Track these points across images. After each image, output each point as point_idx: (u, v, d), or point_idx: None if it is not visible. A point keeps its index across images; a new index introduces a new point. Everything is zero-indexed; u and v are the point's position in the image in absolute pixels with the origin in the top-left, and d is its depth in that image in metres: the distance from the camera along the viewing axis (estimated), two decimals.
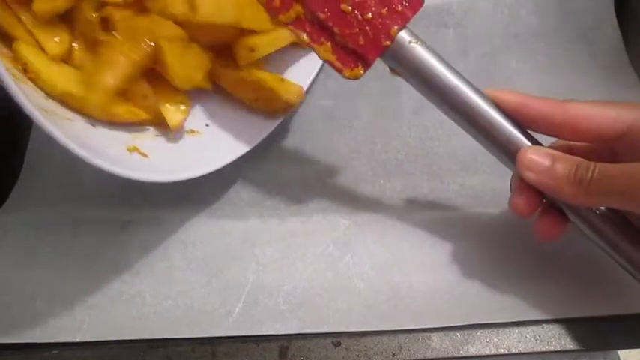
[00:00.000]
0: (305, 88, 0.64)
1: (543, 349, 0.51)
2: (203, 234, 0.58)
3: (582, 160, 0.42)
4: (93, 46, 0.55)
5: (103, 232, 0.59)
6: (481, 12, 0.72)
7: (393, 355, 0.51)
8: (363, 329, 0.52)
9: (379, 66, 0.48)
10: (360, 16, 0.44)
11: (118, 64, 0.52)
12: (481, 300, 0.53)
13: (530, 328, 0.51)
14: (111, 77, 0.52)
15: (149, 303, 0.54)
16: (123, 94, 0.55)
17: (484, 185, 0.61)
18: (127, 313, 0.53)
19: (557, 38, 0.69)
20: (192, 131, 0.61)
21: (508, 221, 0.58)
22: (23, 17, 0.52)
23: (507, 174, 0.56)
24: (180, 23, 0.55)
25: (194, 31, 0.56)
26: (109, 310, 0.53)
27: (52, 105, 0.52)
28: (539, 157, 0.43)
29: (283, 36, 0.60)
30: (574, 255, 0.55)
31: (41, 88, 0.52)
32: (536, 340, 0.51)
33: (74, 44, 0.56)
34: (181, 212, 0.60)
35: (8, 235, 0.59)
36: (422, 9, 0.70)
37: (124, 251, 0.57)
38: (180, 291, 0.54)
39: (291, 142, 0.66)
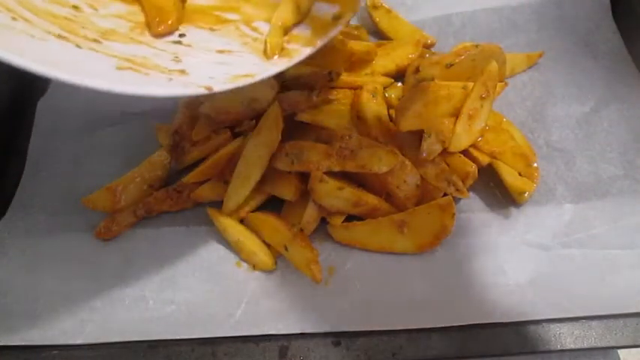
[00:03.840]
0: None
1: (543, 349, 0.51)
2: (206, 242, 0.59)
3: None
4: None
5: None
6: (480, 21, 0.72)
7: (393, 355, 0.51)
8: (363, 329, 0.52)
9: None
10: None
11: None
12: (480, 301, 0.53)
13: (530, 327, 0.51)
14: None
15: (152, 307, 0.54)
16: None
17: (477, 189, 0.61)
18: (129, 316, 0.53)
19: (558, 42, 0.70)
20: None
21: (505, 222, 0.58)
22: None
23: (495, 179, 0.57)
24: None
25: None
26: (112, 313, 0.54)
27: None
28: None
29: None
30: (574, 255, 0.55)
31: None
32: (536, 339, 0.51)
33: None
34: (185, 221, 0.60)
35: (12, 239, 0.59)
36: (422, 19, 0.73)
37: (128, 257, 0.58)
38: (184, 296, 0.55)
39: None
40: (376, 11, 0.73)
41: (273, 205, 0.59)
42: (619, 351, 0.67)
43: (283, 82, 0.60)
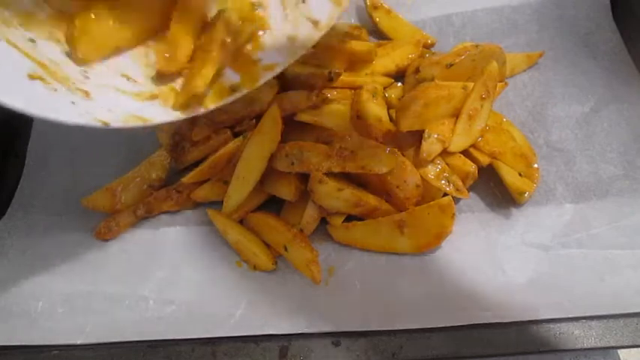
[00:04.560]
0: None
1: (543, 349, 0.51)
2: (206, 242, 0.59)
3: None
4: None
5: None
6: (480, 21, 0.73)
7: (393, 355, 0.51)
8: (363, 329, 0.52)
9: None
10: None
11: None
12: (480, 301, 0.53)
13: (530, 327, 0.51)
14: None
15: (152, 307, 0.54)
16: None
17: (477, 189, 0.61)
18: (129, 316, 0.53)
19: (558, 42, 0.70)
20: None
21: (505, 222, 0.58)
22: None
23: (495, 179, 0.57)
24: None
25: None
26: (112, 313, 0.54)
27: None
28: None
29: None
30: (574, 255, 0.55)
31: None
32: (536, 339, 0.51)
33: None
34: (185, 221, 0.60)
35: (12, 239, 0.59)
36: (422, 19, 0.73)
37: (128, 257, 0.58)
38: (184, 296, 0.55)
39: None
40: (376, 11, 0.73)
41: (273, 205, 0.59)
42: (619, 351, 0.68)
43: (283, 81, 0.60)
